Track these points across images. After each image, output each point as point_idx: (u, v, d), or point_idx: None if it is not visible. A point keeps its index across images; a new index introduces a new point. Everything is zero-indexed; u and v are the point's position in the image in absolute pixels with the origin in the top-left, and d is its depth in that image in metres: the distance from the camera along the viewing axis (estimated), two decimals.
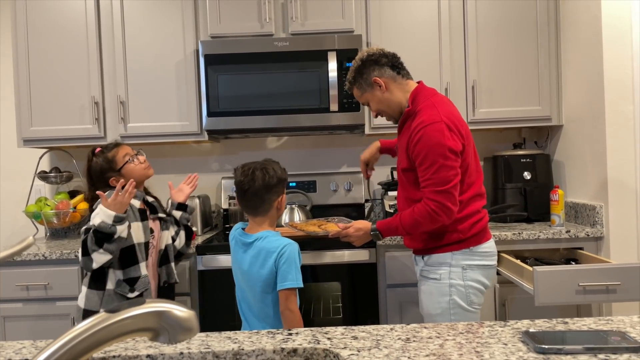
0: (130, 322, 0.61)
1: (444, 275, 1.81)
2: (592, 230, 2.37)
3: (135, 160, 2.06)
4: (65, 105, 2.68)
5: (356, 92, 1.95)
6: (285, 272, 1.68)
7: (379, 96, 1.89)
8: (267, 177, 1.75)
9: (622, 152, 2.32)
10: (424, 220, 1.75)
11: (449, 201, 1.73)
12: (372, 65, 1.88)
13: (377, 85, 1.87)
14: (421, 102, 1.83)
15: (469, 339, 1.01)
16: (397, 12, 2.68)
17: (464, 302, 1.80)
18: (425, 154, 1.74)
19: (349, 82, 1.95)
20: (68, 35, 2.67)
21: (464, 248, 1.81)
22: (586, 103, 2.48)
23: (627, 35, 2.29)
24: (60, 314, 2.39)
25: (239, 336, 1.07)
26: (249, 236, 1.78)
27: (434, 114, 1.76)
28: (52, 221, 2.79)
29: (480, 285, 1.83)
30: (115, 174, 2.03)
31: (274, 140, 3.08)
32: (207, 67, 2.59)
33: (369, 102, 1.94)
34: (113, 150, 2.05)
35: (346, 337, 1.04)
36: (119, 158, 2.04)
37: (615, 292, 1.92)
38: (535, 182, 2.70)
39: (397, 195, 2.03)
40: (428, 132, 1.73)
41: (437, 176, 1.73)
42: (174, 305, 0.62)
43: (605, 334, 0.98)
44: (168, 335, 0.62)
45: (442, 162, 1.72)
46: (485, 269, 1.84)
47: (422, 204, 1.76)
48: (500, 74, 2.68)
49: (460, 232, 1.81)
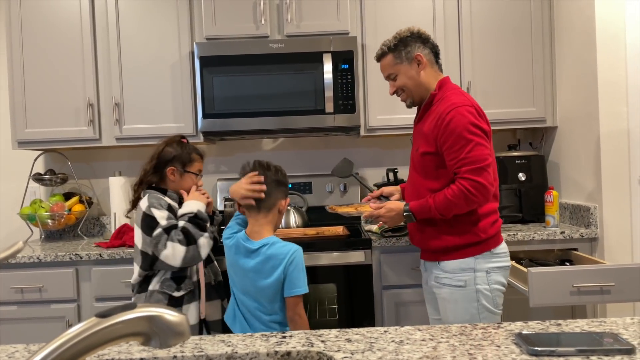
0: (121, 326, 0.61)
1: (469, 282, 1.79)
2: (586, 231, 2.38)
3: (198, 178, 2.05)
4: (60, 107, 2.68)
5: (389, 61, 1.90)
6: (295, 278, 1.68)
7: (413, 73, 1.88)
8: (279, 174, 1.80)
9: (615, 154, 2.33)
10: (458, 200, 1.72)
11: (485, 180, 1.71)
12: (419, 42, 1.89)
13: (417, 61, 1.87)
14: (448, 89, 1.85)
15: (462, 341, 1.01)
16: (392, 14, 2.68)
17: (491, 305, 1.80)
18: (458, 134, 1.72)
19: (386, 47, 1.90)
20: (63, 37, 2.67)
21: (486, 251, 1.80)
22: (580, 104, 2.49)
23: (621, 37, 2.31)
24: (55, 316, 2.38)
25: (232, 339, 1.07)
26: (254, 243, 1.76)
27: (464, 99, 1.79)
28: (47, 223, 2.78)
29: (502, 287, 1.84)
30: (180, 168, 2.00)
31: (270, 141, 3.08)
32: (202, 69, 2.59)
33: (397, 75, 1.90)
34: (196, 156, 2.04)
35: (340, 340, 1.04)
36: (195, 164, 2.03)
37: (610, 293, 1.93)
38: (530, 183, 2.70)
39: (407, 190, 2.00)
40: (461, 112, 1.74)
41: (472, 154, 1.71)
42: (165, 309, 0.62)
43: (598, 335, 0.98)
44: (159, 340, 0.62)
45: (477, 140, 1.72)
46: (505, 270, 1.85)
47: (456, 185, 1.73)
48: (495, 76, 2.69)
49: (479, 231, 1.79)
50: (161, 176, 1.99)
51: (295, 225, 2.67)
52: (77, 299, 2.40)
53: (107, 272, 2.37)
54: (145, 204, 1.90)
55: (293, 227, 2.65)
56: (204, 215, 1.92)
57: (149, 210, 1.87)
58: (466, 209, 1.75)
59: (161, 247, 1.82)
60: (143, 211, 1.88)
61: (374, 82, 2.67)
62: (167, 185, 2.00)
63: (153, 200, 1.90)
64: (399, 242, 2.36)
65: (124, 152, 3.03)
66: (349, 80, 2.59)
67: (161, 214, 1.87)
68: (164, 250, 1.81)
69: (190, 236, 1.84)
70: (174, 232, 1.83)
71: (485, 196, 1.73)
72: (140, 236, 1.88)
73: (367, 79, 2.68)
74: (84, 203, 2.89)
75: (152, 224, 1.85)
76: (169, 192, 1.99)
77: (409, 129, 2.69)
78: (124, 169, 2.97)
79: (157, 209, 1.87)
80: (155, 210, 1.87)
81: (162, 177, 2.00)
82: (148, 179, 1.98)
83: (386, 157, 3.05)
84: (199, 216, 1.89)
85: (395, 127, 2.70)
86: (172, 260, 1.82)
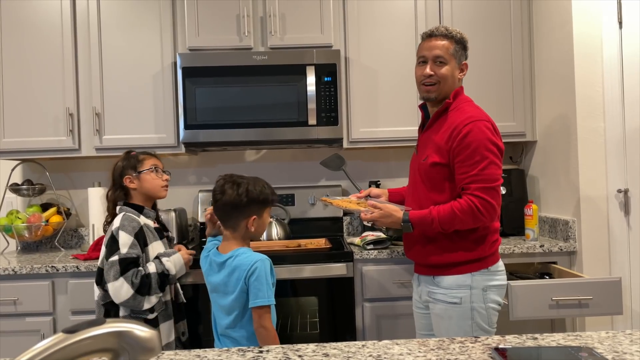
0: (89, 342, 0.59)
1: (465, 299, 1.75)
2: (565, 245, 2.40)
3: (158, 174, 2.03)
4: (38, 117, 2.64)
5: (448, 45, 1.83)
6: (257, 289, 1.65)
7: (455, 73, 1.85)
8: (234, 195, 1.70)
9: (593, 168, 2.36)
10: (465, 216, 1.68)
11: (495, 200, 1.70)
12: (466, 54, 1.90)
13: (462, 67, 1.88)
14: (463, 101, 1.84)
15: (440, 356, 1.01)
16: (375, 28, 2.70)
17: (485, 324, 1.77)
18: (474, 148, 1.69)
19: (452, 34, 1.84)
20: (43, 45, 2.64)
21: (483, 268, 1.77)
22: (559, 119, 2.53)
23: (598, 53, 2.36)
24: (30, 330, 2.32)
25: (208, 354, 1.05)
26: (221, 256, 1.75)
27: (481, 113, 1.78)
28: (24, 235, 2.72)
29: (498, 306, 1.81)
30: (134, 174, 1.99)
31: (253, 153, 3.07)
32: (184, 80, 2.58)
33: (446, 64, 1.83)
34: (144, 155, 2.04)
35: (317, 355, 1.03)
36: (145, 162, 2.02)
37: (588, 307, 1.95)
38: (510, 197, 2.73)
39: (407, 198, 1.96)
40: (479, 126, 1.71)
41: (486, 172, 1.69)
42: (134, 325, 0.61)
43: (574, 350, 0.99)
44: (128, 356, 0.61)
45: (492, 159, 1.70)
46: (501, 288, 1.82)
47: (465, 200, 1.69)
48: (476, 91, 2.70)
49: (479, 249, 1.77)
50: (124, 191, 2.00)
51: (277, 237, 2.65)
52: (53, 312, 2.35)
53: (84, 284, 2.32)
54: (117, 224, 1.89)
55: (275, 240, 2.64)
56: (174, 279, 1.94)
57: (116, 232, 1.86)
58: (470, 226, 1.73)
59: (110, 278, 1.80)
60: (112, 230, 1.88)
61: (357, 94, 2.69)
62: (133, 197, 2.00)
63: (125, 222, 1.88)
64: (380, 254, 2.36)
65: (103, 163, 2.99)
66: (332, 93, 2.60)
67: (126, 240, 1.84)
68: (112, 281, 1.80)
69: (147, 289, 1.82)
70: (132, 271, 1.80)
71: (492, 217, 1.72)
72: (102, 253, 1.89)
73: (350, 92, 2.70)
74: (62, 214, 2.84)
75: (113, 247, 1.84)
76: (145, 210, 1.99)
77: (392, 141, 2.71)
78: (104, 179, 2.92)
79: (124, 233, 1.85)
80: (122, 234, 1.85)
81: (126, 192, 2.00)
82: (114, 197, 2.00)
83: (369, 169, 3.06)
84: (170, 279, 1.91)
85: (377, 139, 2.71)
86: (114, 295, 1.81)
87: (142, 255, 1.87)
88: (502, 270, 1.84)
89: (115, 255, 1.82)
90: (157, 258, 1.92)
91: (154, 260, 1.90)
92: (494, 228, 1.81)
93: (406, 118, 2.70)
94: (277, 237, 2.65)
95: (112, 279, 1.79)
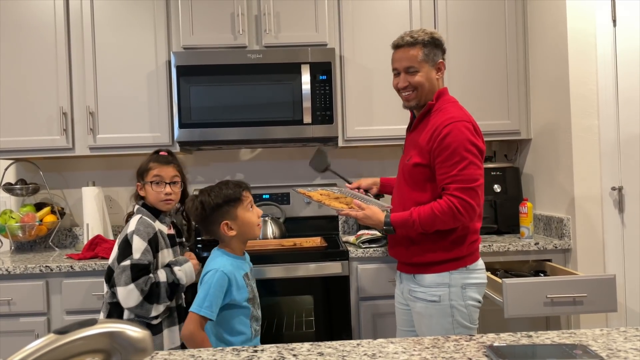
0: (80, 343, 0.59)
1: (444, 297, 1.77)
2: (559, 243, 2.41)
3: (159, 186, 1.93)
4: (32, 116, 2.62)
5: (416, 52, 1.82)
6: (198, 294, 1.62)
7: (432, 76, 1.85)
8: (193, 210, 1.71)
9: (587, 166, 2.37)
10: (445, 217, 1.70)
11: (474, 200, 1.71)
12: (441, 49, 1.88)
13: (437, 67, 1.86)
14: (446, 102, 1.84)
15: (435, 354, 1.01)
16: (369, 26, 2.70)
17: (466, 321, 1.78)
18: (454, 149, 1.71)
19: (418, 39, 1.82)
20: (36, 44, 2.62)
21: (461, 267, 1.79)
22: (553, 117, 2.53)
23: (592, 52, 2.36)
24: (24, 330, 2.31)
25: (202, 354, 1.05)
26: None
27: (462, 113, 1.78)
28: (17, 234, 2.71)
29: (478, 303, 1.82)
30: (141, 182, 1.96)
31: (248, 152, 3.06)
32: (179, 78, 2.57)
33: (417, 71, 1.83)
34: (152, 164, 1.95)
35: (312, 354, 1.03)
36: (150, 172, 1.94)
37: (582, 304, 1.96)
38: (505, 195, 2.73)
39: (393, 197, 1.99)
40: (459, 127, 1.72)
41: (465, 173, 1.70)
42: (126, 325, 0.61)
43: (568, 347, 0.99)
44: (120, 357, 0.60)
45: (471, 159, 1.71)
46: (480, 286, 1.83)
47: (445, 201, 1.71)
48: (471, 90, 2.73)
49: (457, 249, 1.79)
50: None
51: (272, 236, 2.65)
52: (47, 312, 2.33)
53: (78, 284, 2.31)
54: (132, 227, 1.85)
55: (270, 239, 2.64)
56: (183, 288, 1.91)
57: (130, 236, 1.82)
58: (450, 226, 1.75)
59: (121, 282, 1.77)
60: (126, 233, 1.84)
61: (352, 93, 2.69)
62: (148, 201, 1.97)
63: (141, 227, 1.84)
64: (376, 253, 2.36)
65: (97, 162, 2.98)
66: (327, 91, 2.59)
67: (139, 245, 1.81)
68: (123, 286, 1.76)
69: (156, 297, 1.79)
70: (143, 279, 1.77)
71: (471, 217, 1.74)
72: (114, 253, 1.85)
73: (345, 90, 2.69)
74: (56, 214, 2.82)
75: (126, 251, 1.81)
76: (161, 216, 1.95)
77: (387, 139, 2.71)
78: (98, 179, 2.92)
79: (138, 238, 1.82)
80: (136, 238, 1.81)
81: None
82: (135, 196, 1.98)
83: (364, 168, 3.06)
84: (180, 289, 1.88)
85: (373, 138, 2.71)
86: (123, 300, 1.77)
87: (153, 262, 1.84)
88: (482, 269, 1.86)
89: (127, 259, 1.78)
90: (168, 266, 1.88)
91: (164, 269, 1.86)
92: (474, 229, 1.83)
93: (401, 116, 2.68)
94: (273, 235, 2.65)
95: (123, 284, 1.76)
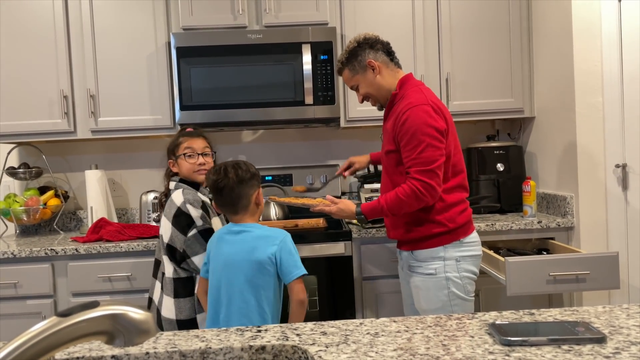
0: (83, 325, 0.59)
1: (439, 270, 1.83)
2: (562, 221, 2.41)
3: (192, 158, 1.94)
4: (33, 100, 2.61)
5: (347, 74, 1.95)
6: (295, 261, 1.66)
7: (370, 79, 1.91)
8: (240, 172, 1.72)
9: (591, 144, 2.35)
10: (409, 199, 1.76)
11: (433, 181, 1.76)
12: (368, 49, 1.91)
13: (370, 67, 1.90)
14: (409, 88, 1.88)
15: (437, 332, 1.01)
16: (371, 5, 2.66)
17: (462, 292, 1.84)
18: (412, 134, 1.76)
19: (341, 63, 1.95)
20: (35, 28, 2.60)
21: (455, 240, 1.84)
22: (557, 95, 2.51)
23: (597, 28, 2.32)
24: (31, 312, 2.34)
25: (207, 334, 1.06)
26: (236, 226, 1.73)
27: (421, 97, 1.82)
28: (22, 218, 2.73)
29: (473, 275, 1.87)
30: (173, 157, 1.97)
31: (249, 133, 3.05)
32: (179, 60, 2.54)
33: (358, 85, 1.95)
34: (184, 137, 1.98)
35: (315, 333, 1.04)
36: (180, 146, 1.96)
37: (585, 282, 1.96)
38: (508, 174, 2.73)
39: (381, 182, 2.04)
40: (415, 112, 1.77)
41: (423, 155, 1.75)
42: (129, 307, 0.61)
43: (570, 324, 0.99)
44: (124, 339, 0.61)
45: (429, 142, 1.75)
46: (475, 258, 1.88)
47: (407, 184, 1.77)
48: (474, 67, 2.70)
49: (447, 221, 1.83)
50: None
51: (275, 217, 2.66)
52: (54, 294, 2.36)
53: (83, 267, 2.33)
54: (180, 199, 1.84)
55: (273, 220, 2.64)
56: None
57: (184, 207, 1.83)
58: (416, 207, 1.80)
59: (198, 250, 1.80)
60: (178, 206, 1.83)
61: None
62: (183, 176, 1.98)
63: (189, 196, 1.85)
64: (378, 233, 2.36)
65: (100, 145, 2.98)
66: (329, 72, 2.57)
67: (197, 213, 1.83)
68: (201, 253, 1.79)
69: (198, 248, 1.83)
70: None
71: (433, 197, 1.78)
72: (169, 230, 1.83)
73: None
74: (59, 197, 2.83)
75: (187, 221, 1.82)
76: (201, 188, 1.96)
77: None
78: (101, 162, 2.92)
79: (193, 207, 1.83)
80: (191, 207, 1.83)
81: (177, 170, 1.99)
82: (169, 173, 2.00)
83: (366, 148, 3.04)
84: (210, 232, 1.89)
85: (375, 118, 2.68)
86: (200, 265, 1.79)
87: None
88: (476, 242, 1.90)
89: (193, 229, 1.81)
90: None
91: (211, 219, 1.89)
92: (458, 199, 1.87)
93: None
94: (275, 217, 2.66)
95: (202, 251, 1.79)
